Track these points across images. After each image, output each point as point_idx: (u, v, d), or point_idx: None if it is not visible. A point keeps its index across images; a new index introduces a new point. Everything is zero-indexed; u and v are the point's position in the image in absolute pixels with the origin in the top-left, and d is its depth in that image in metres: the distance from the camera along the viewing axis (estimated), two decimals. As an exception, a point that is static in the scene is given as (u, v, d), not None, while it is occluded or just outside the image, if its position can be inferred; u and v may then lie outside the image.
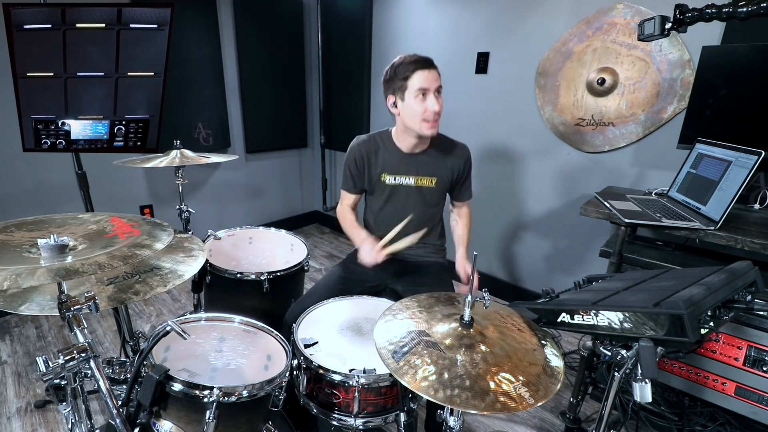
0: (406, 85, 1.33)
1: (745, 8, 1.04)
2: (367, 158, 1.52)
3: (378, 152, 1.52)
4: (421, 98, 1.33)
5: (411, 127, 1.39)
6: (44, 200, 2.37)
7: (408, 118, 1.38)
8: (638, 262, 1.61)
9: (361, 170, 1.54)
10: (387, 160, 1.51)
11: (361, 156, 1.52)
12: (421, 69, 1.31)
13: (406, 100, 1.34)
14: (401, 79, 1.33)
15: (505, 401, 0.74)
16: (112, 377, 1.39)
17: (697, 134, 1.64)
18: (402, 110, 1.38)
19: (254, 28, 3.02)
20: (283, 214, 3.72)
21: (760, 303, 0.83)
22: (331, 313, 1.36)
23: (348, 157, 1.55)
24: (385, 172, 1.52)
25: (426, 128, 1.37)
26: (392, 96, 1.38)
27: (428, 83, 1.32)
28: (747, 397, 1.38)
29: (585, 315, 0.84)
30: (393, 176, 1.51)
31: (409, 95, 1.33)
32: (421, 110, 1.33)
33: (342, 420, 1.11)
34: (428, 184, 1.52)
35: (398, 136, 1.49)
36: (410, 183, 1.52)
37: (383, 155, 1.51)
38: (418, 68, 1.31)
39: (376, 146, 1.52)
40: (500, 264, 2.73)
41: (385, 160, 1.51)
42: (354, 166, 1.54)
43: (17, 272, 0.72)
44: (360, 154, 1.52)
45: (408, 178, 1.51)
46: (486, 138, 2.57)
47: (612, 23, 1.98)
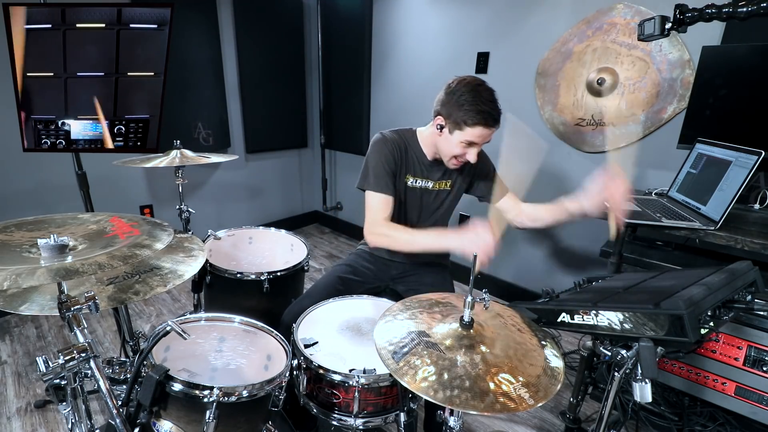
0: (463, 128, 1.25)
1: (745, 8, 1.04)
2: (400, 155, 1.41)
3: (408, 152, 1.43)
4: (465, 145, 1.28)
5: (440, 152, 1.37)
6: (44, 200, 2.37)
7: (443, 147, 1.34)
8: (638, 262, 1.61)
9: (398, 166, 1.41)
10: (414, 161, 1.44)
11: (398, 150, 1.40)
12: (485, 126, 1.24)
13: (453, 136, 1.28)
14: (463, 120, 1.24)
15: (504, 402, 0.74)
16: (112, 377, 1.39)
17: (697, 134, 1.64)
18: (443, 137, 1.32)
19: (254, 28, 3.02)
20: (283, 214, 3.72)
21: (760, 303, 0.83)
22: (331, 313, 1.36)
23: (381, 151, 1.38)
24: (409, 174, 1.44)
25: (451, 165, 1.36)
26: (443, 119, 1.29)
27: (481, 140, 1.27)
28: (747, 397, 1.38)
29: (585, 315, 0.84)
30: (416, 179, 1.45)
31: (457, 136, 1.27)
32: (458, 153, 1.30)
33: (342, 420, 1.11)
34: (444, 186, 1.49)
35: (425, 141, 1.43)
36: (428, 186, 1.47)
37: (411, 157, 1.44)
38: (483, 125, 1.23)
39: (405, 145, 1.43)
40: (500, 264, 2.73)
41: (412, 161, 1.44)
42: (392, 161, 1.38)
43: (17, 272, 0.72)
44: (397, 149, 1.40)
45: (428, 182, 1.46)
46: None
47: (612, 23, 1.98)
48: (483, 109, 1.22)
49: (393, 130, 1.45)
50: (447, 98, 1.27)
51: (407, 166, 1.43)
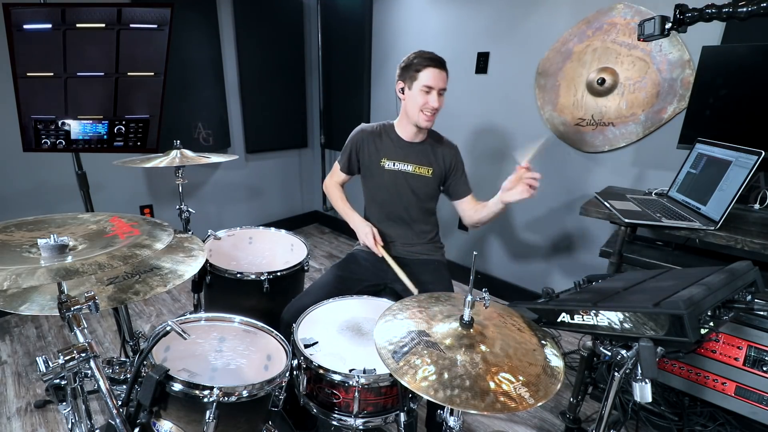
0: (416, 77, 1.45)
1: (745, 8, 1.04)
2: (372, 141, 1.62)
3: (381, 139, 1.63)
4: (425, 93, 1.45)
5: (410, 115, 1.52)
6: (44, 200, 2.37)
7: (410, 107, 1.51)
8: (638, 262, 1.61)
9: (358, 155, 1.66)
10: (388, 146, 1.62)
11: (371, 137, 1.63)
12: (432, 67, 1.43)
13: (413, 89, 1.47)
14: (414, 70, 1.45)
15: (504, 401, 0.74)
16: (112, 377, 1.39)
17: (697, 134, 1.64)
18: (407, 98, 1.51)
19: (254, 28, 3.02)
20: (283, 214, 3.72)
21: (760, 303, 0.83)
22: (330, 313, 1.36)
23: (351, 138, 1.66)
24: (385, 158, 1.61)
25: (423, 120, 1.50)
26: (402, 82, 1.51)
27: (434, 82, 1.44)
28: (747, 397, 1.38)
29: (585, 315, 0.84)
30: (392, 162, 1.61)
31: (416, 86, 1.46)
32: (422, 102, 1.46)
33: (342, 420, 1.11)
34: (425, 173, 1.61)
35: (400, 124, 1.61)
36: (408, 170, 1.60)
37: (386, 142, 1.62)
38: (431, 66, 1.43)
39: (379, 133, 1.63)
40: (500, 264, 2.73)
41: (387, 146, 1.62)
42: (355, 149, 1.65)
43: (17, 272, 0.72)
44: (369, 136, 1.63)
45: (406, 165, 1.60)
46: (486, 138, 2.57)
47: (612, 23, 1.98)
48: (427, 56, 1.45)
49: (374, 123, 1.67)
50: (401, 67, 1.51)
51: (383, 151, 1.62)
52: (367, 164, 1.64)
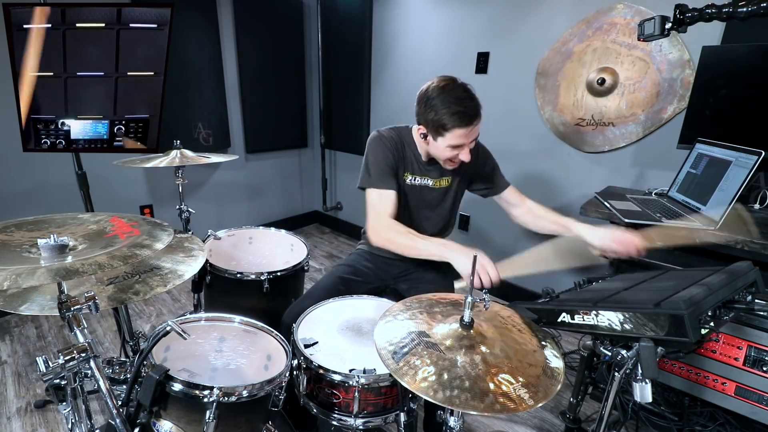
0: (443, 134, 1.22)
1: (745, 8, 1.04)
2: (397, 152, 1.39)
3: (405, 149, 1.41)
4: (453, 148, 1.24)
5: (434, 156, 1.36)
6: (44, 200, 2.37)
7: (434, 153, 1.33)
8: (638, 262, 1.60)
9: (398, 162, 1.38)
10: (411, 159, 1.42)
11: (396, 147, 1.38)
12: (462, 127, 1.19)
13: (438, 142, 1.25)
14: (438, 124, 1.20)
15: (504, 402, 0.74)
16: (112, 377, 1.39)
17: (697, 134, 1.64)
18: (431, 145, 1.30)
19: (254, 28, 3.02)
20: (283, 214, 3.72)
21: (760, 303, 0.83)
22: (331, 313, 1.36)
23: (379, 148, 1.36)
24: (408, 172, 1.42)
25: (448, 166, 1.34)
26: (424, 128, 1.26)
27: (465, 140, 1.22)
28: (747, 397, 1.38)
29: (585, 315, 0.84)
30: (414, 176, 1.43)
31: (442, 142, 1.24)
32: (450, 155, 1.27)
33: (342, 420, 1.11)
34: (445, 184, 1.47)
35: (420, 141, 1.39)
36: (428, 184, 1.45)
37: (408, 155, 1.42)
38: (460, 125, 1.19)
39: (402, 142, 1.41)
40: (500, 264, 2.72)
41: (410, 160, 1.42)
42: (392, 157, 1.35)
43: (17, 272, 0.72)
44: (394, 146, 1.38)
45: (427, 180, 1.44)
46: (486, 138, 2.55)
47: (612, 23, 1.98)
48: (455, 110, 1.18)
49: (390, 128, 1.43)
50: (421, 108, 1.25)
51: (405, 164, 1.42)
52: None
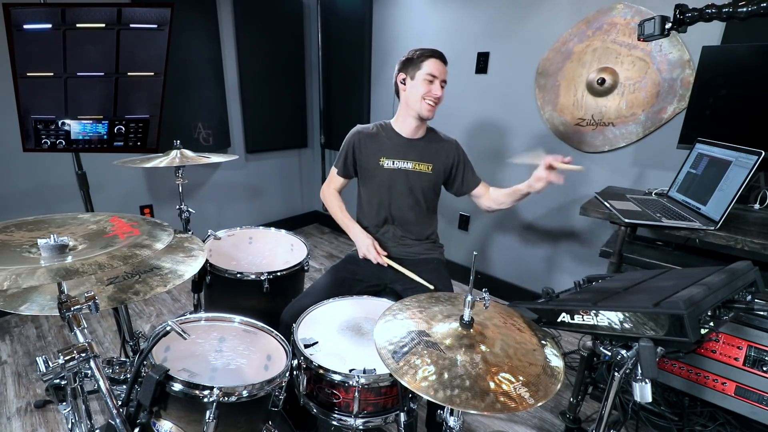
0: (420, 66, 1.49)
1: (745, 8, 1.04)
2: (369, 140, 1.62)
3: (378, 138, 1.62)
4: (428, 82, 1.49)
5: (412, 105, 1.53)
6: (44, 200, 2.37)
7: (411, 97, 1.52)
8: (638, 262, 1.61)
9: (355, 157, 1.64)
10: (387, 144, 1.61)
11: (368, 137, 1.62)
12: (435, 58, 1.49)
13: (415, 79, 1.50)
14: (417, 61, 1.50)
15: (504, 401, 0.74)
16: (112, 377, 1.39)
17: (697, 134, 1.64)
18: (408, 88, 1.53)
19: (254, 28, 3.01)
20: (283, 214, 3.72)
21: (760, 303, 0.83)
22: (331, 313, 1.36)
23: (348, 140, 1.65)
24: (384, 157, 1.60)
25: (425, 109, 1.51)
26: (404, 74, 1.53)
27: (437, 72, 1.49)
28: (747, 397, 1.38)
29: (585, 315, 0.84)
30: (392, 160, 1.60)
31: (418, 76, 1.49)
32: (425, 91, 1.49)
33: (342, 420, 1.11)
34: (425, 170, 1.60)
35: (398, 120, 1.62)
36: (408, 167, 1.59)
37: (384, 141, 1.62)
38: (433, 56, 1.49)
39: (376, 133, 1.63)
40: (500, 264, 2.73)
41: (385, 145, 1.61)
42: (351, 150, 1.64)
43: (17, 272, 0.72)
44: (366, 137, 1.62)
45: (406, 163, 1.60)
46: (486, 138, 2.56)
47: (612, 23, 1.98)
48: (430, 49, 1.51)
49: (370, 124, 1.67)
50: (401, 63, 1.55)
51: (382, 150, 1.60)
52: (365, 165, 1.62)
